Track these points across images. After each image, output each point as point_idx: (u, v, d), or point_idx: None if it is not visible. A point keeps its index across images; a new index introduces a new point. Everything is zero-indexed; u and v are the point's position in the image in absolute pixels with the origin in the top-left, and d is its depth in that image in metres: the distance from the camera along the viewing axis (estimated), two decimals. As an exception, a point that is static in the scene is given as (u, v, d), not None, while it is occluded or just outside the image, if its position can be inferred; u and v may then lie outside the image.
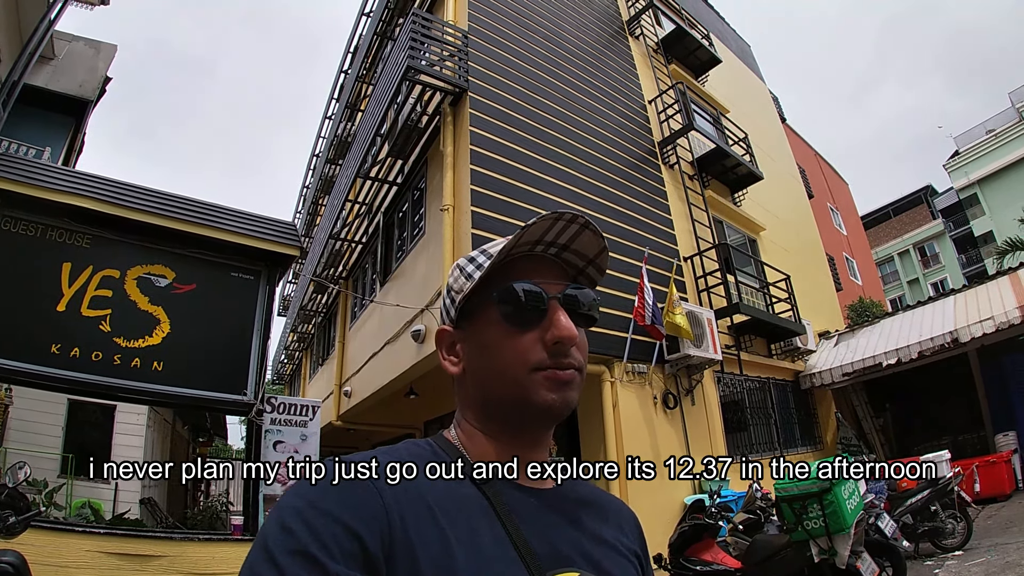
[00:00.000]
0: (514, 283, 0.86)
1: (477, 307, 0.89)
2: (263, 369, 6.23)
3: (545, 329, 0.85)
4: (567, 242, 0.90)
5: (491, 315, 0.87)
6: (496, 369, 0.86)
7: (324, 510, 0.67)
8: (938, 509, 7.33)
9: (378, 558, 0.66)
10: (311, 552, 0.62)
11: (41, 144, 8.82)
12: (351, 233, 12.78)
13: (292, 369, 23.26)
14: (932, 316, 11.61)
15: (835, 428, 12.49)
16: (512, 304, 0.86)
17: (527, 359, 0.84)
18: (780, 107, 22.50)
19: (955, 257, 37.23)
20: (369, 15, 15.72)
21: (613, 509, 1.00)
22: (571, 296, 0.89)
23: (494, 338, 0.86)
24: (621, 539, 0.93)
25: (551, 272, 0.90)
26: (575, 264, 0.93)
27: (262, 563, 0.63)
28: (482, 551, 0.73)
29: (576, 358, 0.87)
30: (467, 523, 0.75)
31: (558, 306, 0.87)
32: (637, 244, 9.47)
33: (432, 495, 0.76)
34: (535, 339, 0.84)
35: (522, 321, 0.85)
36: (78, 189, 5.43)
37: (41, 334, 5.11)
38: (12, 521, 3.74)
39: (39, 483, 7.64)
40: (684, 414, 9.12)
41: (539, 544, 0.79)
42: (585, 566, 0.82)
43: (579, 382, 0.87)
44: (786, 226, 15.57)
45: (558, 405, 0.84)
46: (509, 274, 0.87)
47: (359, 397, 11.80)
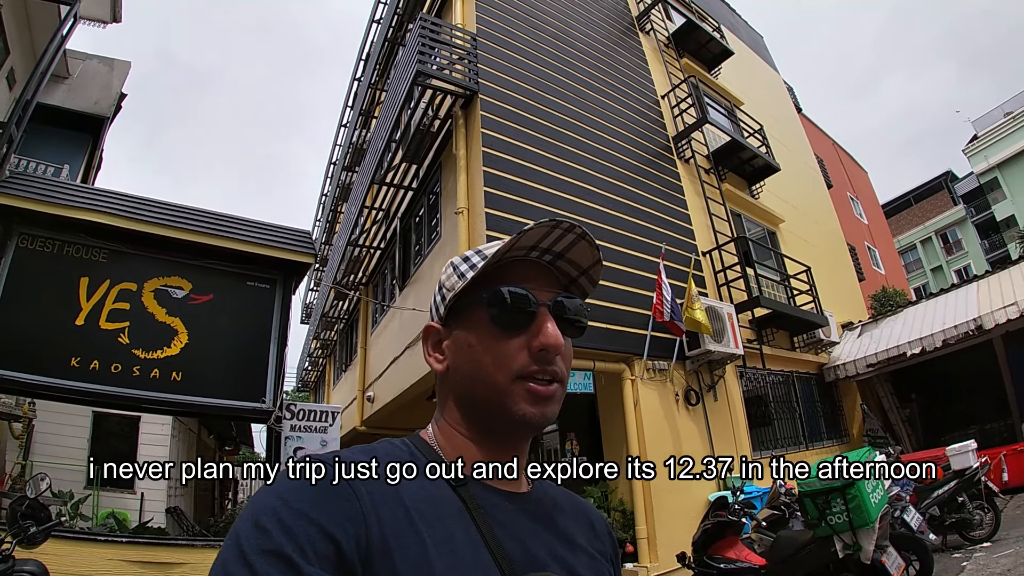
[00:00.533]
0: (505, 286, 0.86)
1: (467, 307, 0.89)
2: (281, 376, 6.28)
3: (532, 335, 0.85)
4: (562, 250, 0.90)
5: (480, 316, 0.87)
6: (479, 371, 0.85)
7: (300, 510, 0.66)
8: (965, 500, 7.19)
9: (354, 561, 0.65)
10: (285, 553, 0.61)
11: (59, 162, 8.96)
12: (369, 239, 12.82)
13: (316, 376, 23.44)
14: (955, 303, 11.45)
15: (861, 420, 12.34)
16: (501, 307, 0.85)
17: (511, 365, 0.83)
18: (795, 97, 22.26)
19: (978, 243, 36.62)
20: (379, 22, 15.79)
21: (585, 513, 0.99)
22: (561, 304, 0.89)
23: (480, 340, 0.86)
24: (593, 542, 0.94)
25: (544, 279, 0.90)
26: (568, 273, 0.94)
27: (234, 561, 0.62)
28: (458, 554, 0.72)
29: (560, 368, 0.86)
30: (443, 526, 0.74)
31: (547, 313, 0.87)
32: (654, 240, 9.41)
33: (409, 497, 0.75)
34: (521, 344, 0.84)
35: (510, 325, 0.85)
36: (93, 205, 5.52)
37: (61, 348, 5.20)
38: (33, 531, 3.80)
39: (65, 495, 7.75)
40: (707, 410, 9.05)
41: (513, 548, 0.78)
42: (558, 570, 0.82)
43: (560, 396, 0.87)
44: (806, 217, 15.40)
45: (536, 419, 0.84)
46: (502, 277, 0.87)
47: (382, 402, 11.84)
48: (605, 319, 8.23)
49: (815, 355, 12.28)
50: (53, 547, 4.11)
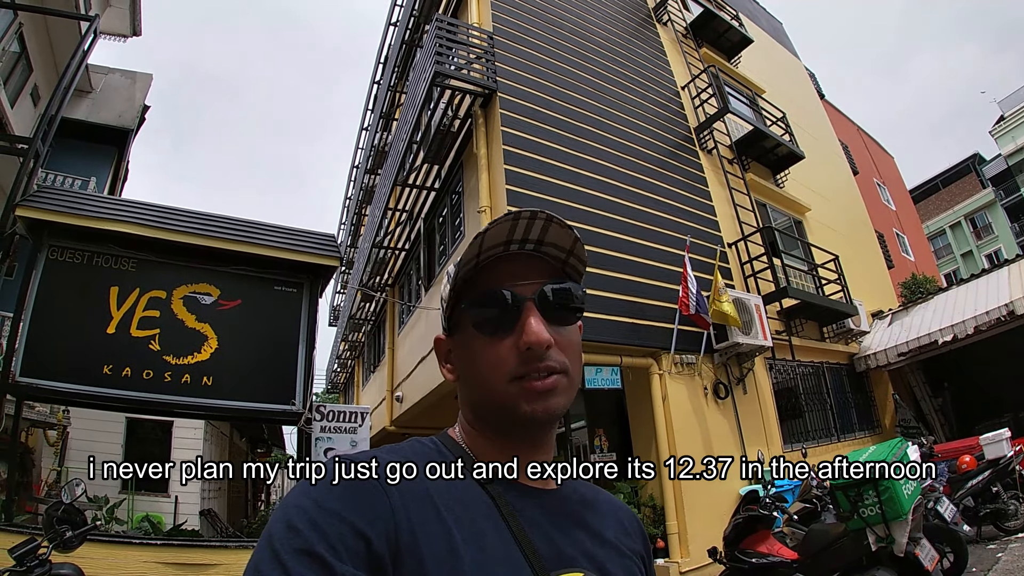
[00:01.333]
0: (482, 291, 0.85)
1: (457, 317, 0.90)
2: (310, 378, 6.35)
3: (518, 335, 0.83)
4: (540, 237, 0.87)
5: (467, 325, 0.87)
6: (478, 378, 0.86)
7: (330, 509, 0.67)
8: (999, 490, 7.07)
9: (384, 558, 0.66)
10: (317, 552, 0.62)
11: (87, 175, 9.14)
12: (394, 241, 12.89)
13: (346, 377, 23.60)
14: (987, 289, 11.24)
15: (893, 410, 12.15)
16: (481, 313, 0.85)
17: (503, 369, 0.82)
18: (817, 83, 21.97)
19: (1008, 226, 35.90)
20: (396, 24, 15.85)
21: (614, 510, 0.99)
22: (545, 294, 0.86)
23: (473, 348, 0.86)
24: (623, 539, 0.93)
25: (529, 270, 0.87)
26: (558, 256, 0.90)
27: (267, 562, 0.62)
28: (487, 551, 0.73)
29: (556, 360, 0.84)
30: (472, 523, 0.75)
31: (532, 308, 0.84)
32: (679, 233, 9.35)
33: (437, 494, 0.76)
34: (510, 346, 0.83)
35: (495, 328, 0.84)
36: (120, 216, 5.61)
37: (93, 356, 5.31)
38: (69, 535, 3.88)
39: (100, 499, 7.90)
40: (736, 404, 8.99)
41: (543, 545, 0.79)
42: (589, 567, 0.81)
43: (564, 386, 0.84)
44: (832, 205, 15.20)
45: (539, 415, 0.82)
46: (484, 279, 0.86)
47: (411, 401, 11.90)
48: (631, 313, 8.20)
49: (845, 345, 12.13)
50: (88, 551, 4.20)
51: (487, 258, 0.86)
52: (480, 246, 0.84)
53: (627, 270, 8.48)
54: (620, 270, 8.33)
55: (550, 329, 0.84)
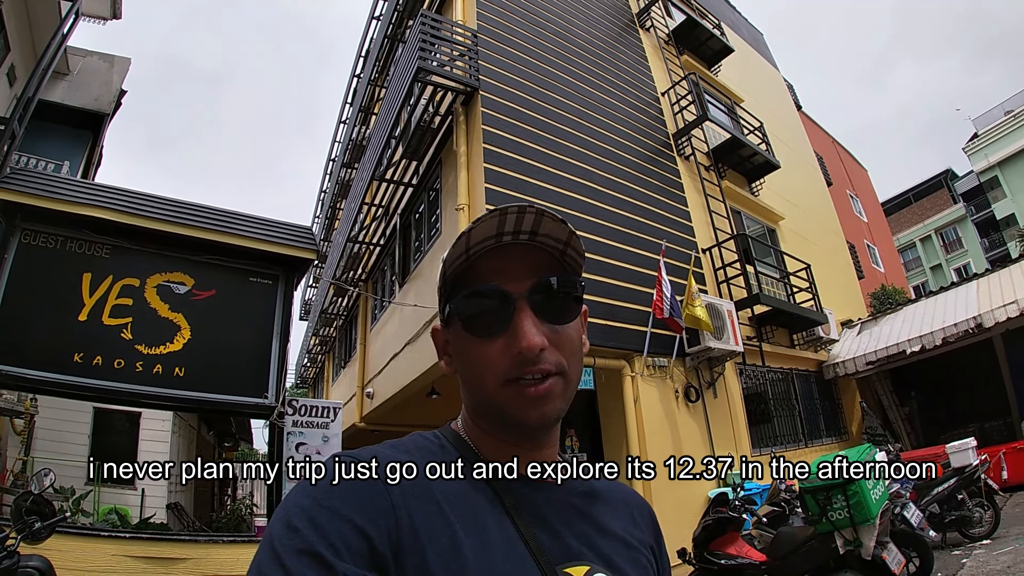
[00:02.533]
0: (469, 290, 0.81)
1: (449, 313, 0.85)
2: (283, 372, 6.29)
3: (511, 336, 0.78)
4: (535, 228, 0.81)
5: (457, 323, 0.83)
6: (472, 378, 0.83)
7: (330, 508, 0.66)
8: (965, 498, 7.21)
9: (386, 555, 0.65)
10: (318, 551, 0.61)
11: (59, 158, 8.97)
12: (369, 236, 12.83)
13: (315, 372, 23.42)
14: (955, 302, 11.46)
15: (860, 418, 12.36)
16: (469, 315, 0.81)
17: (496, 372, 0.79)
18: (795, 95, 22.28)
19: (977, 241, 36.55)
20: (379, 18, 15.77)
21: (623, 501, 0.96)
22: (541, 289, 0.82)
23: (464, 347, 0.83)
24: (632, 531, 0.91)
25: (523, 262, 0.83)
26: (555, 246, 0.85)
27: (269, 563, 0.62)
28: (491, 546, 0.71)
29: (551, 362, 0.79)
30: (475, 518, 0.74)
31: (524, 308, 0.80)
32: (654, 237, 9.43)
33: (440, 489, 0.74)
34: (503, 347, 0.79)
35: (486, 330, 0.80)
36: (96, 200, 5.52)
37: (64, 344, 5.21)
38: (38, 527, 3.80)
39: (66, 490, 7.76)
40: (707, 407, 9.07)
41: (548, 539, 0.77)
42: (595, 560, 0.80)
43: (560, 389, 0.80)
44: (805, 215, 15.41)
45: (534, 420, 0.80)
46: (475, 273, 0.82)
47: (382, 398, 11.85)
48: (605, 315, 8.24)
49: (814, 353, 12.29)
50: (57, 543, 4.12)
51: (478, 251, 0.81)
52: (468, 241, 0.80)
53: (602, 272, 8.52)
54: (595, 272, 8.36)
55: (545, 327, 0.80)
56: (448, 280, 0.85)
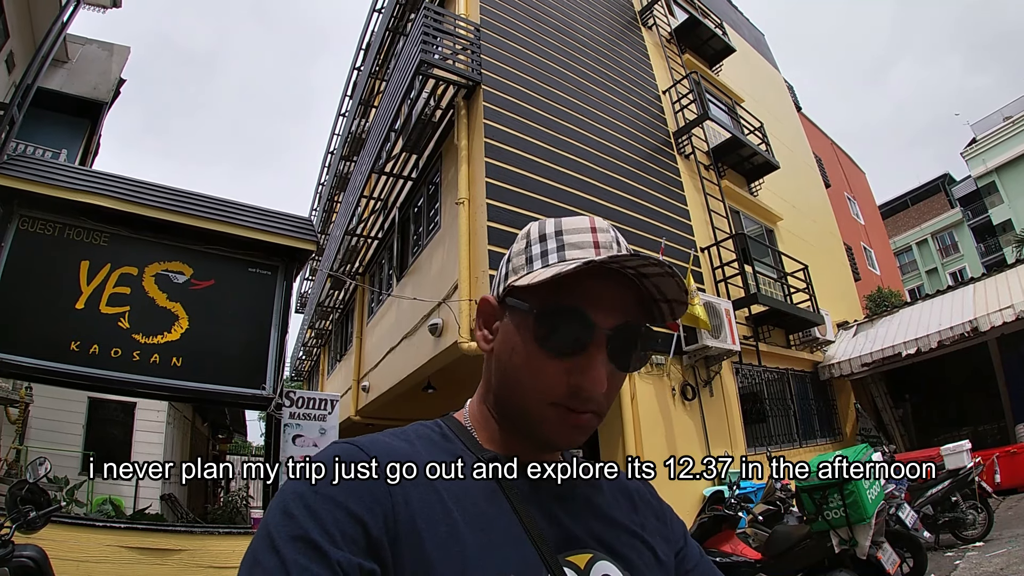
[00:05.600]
0: (561, 306, 0.77)
1: (519, 305, 0.81)
2: (281, 363, 6.27)
3: (577, 367, 0.76)
4: (647, 273, 0.78)
5: (528, 325, 0.79)
6: (514, 382, 0.80)
7: (327, 495, 0.66)
8: (959, 500, 7.24)
9: (382, 543, 0.65)
10: (312, 537, 0.61)
11: (57, 146, 8.92)
12: (367, 229, 12.79)
13: (310, 366, 23.38)
14: (951, 305, 11.51)
15: (854, 419, 12.40)
16: (549, 329, 0.77)
17: (546, 392, 0.77)
18: (795, 96, 22.30)
19: (974, 246, 36.77)
20: (381, 11, 15.71)
21: (624, 487, 0.95)
22: (621, 334, 0.78)
23: (523, 349, 0.79)
24: (634, 518, 0.90)
25: (617, 294, 0.79)
26: (651, 293, 0.81)
27: (263, 550, 0.62)
28: (491, 534, 0.71)
29: (601, 402, 0.78)
30: (475, 505, 0.73)
31: (601, 346, 0.77)
32: (653, 235, 9.43)
33: (439, 477, 0.74)
34: (562, 371, 0.77)
35: (556, 349, 0.77)
36: (95, 188, 5.49)
37: (60, 332, 5.17)
38: (33, 516, 3.77)
39: (60, 480, 7.74)
40: (703, 406, 9.08)
41: (550, 526, 0.77)
42: (598, 548, 0.80)
43: (593, 426, 0.80)
44: (803, 216, 15.45)
45: (563, 444, 0.80)
46: (567, 286, 0.77)
47: (377, 392, 11.84)
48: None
49: (810, 353, 12.32)
50: (51, 532, 4.09)
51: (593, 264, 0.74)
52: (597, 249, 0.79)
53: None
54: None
55: (609, 372, 0.78)
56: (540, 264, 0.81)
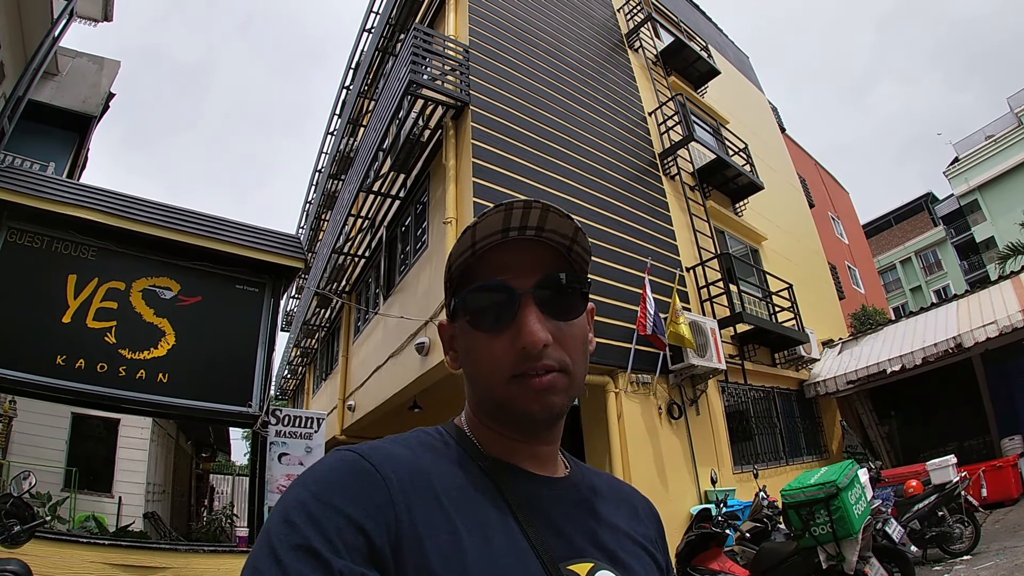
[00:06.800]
0: (475, 285, 0.82)
1: (454, 307, 0.86)
2: (268, 381, 6.25)
3: (515, 333, 0.79)
4: (540, 223, 0.82)
5: (463, 316, 0.83)
6: (477, 374, 0.83)
7: (328, 502, 0.65)
8: (945, 514, 7.28)
9: (384, 551, 0.64)
10: (314, 546, 0.60)
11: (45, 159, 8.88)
12: (354, 247, 12.80)
13: (295, 384, 23.24)
14: (935, 322, 11.60)
15: (840, 436, 12.44)
16: (474, 311, 0.81)
17: (502, 368, 0.79)
18: (779, 117, 22.59)
19: (957, 264, 37.12)
20: (370, 31, 15.81)
21: (627, 498, 0.97)
22: (546, 284, 0.82)
23: (470, 343, 0.83)
24: (636, 527, 0.91)
25: (528, 258, 0.83)
26: (560, 242, 0.85)
27: (264, 558, 0.61)
28: (493, 542, 0.71)
29: (554, 358, 0.79)
30: (476, 513, 0.73)
31: (529, 303, 0.80)
32: (639, 255, 9.48)
33: (441, 484, 0.73)
34: (507, 343, 0.79)
35: (491, 325, 0.80)
36: (83, 201, 5.48)
37: (46, 346, 5.14)
38: (17, 530, 3.75)
39: (42, 496, 7.63)
40: (689, 424, 9.10)
41: (551, 535, 0.77)
42: (599, 556, 0.79)
43: (564, 384, 0.80)
44: (788, 236, 15.59)
45: (539, 413, 0.80)
46: (481, 268, 0.82)
47: (363, 411, 11.78)
48: (590, 331, 8.25)
49: (796, 371, 12.38)
50: (35, 548, 4.05)
51: (484, 246, 0.82)
52: (473, 236, 0.80)
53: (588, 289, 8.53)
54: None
55: (550, 324, 0.80)
56: (454, 275, 0.85)
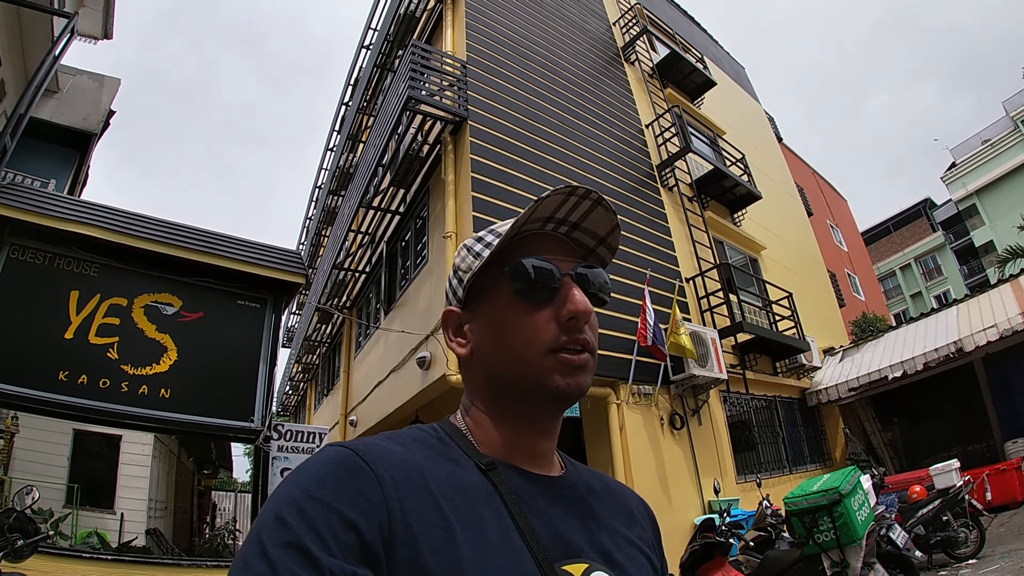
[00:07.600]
0: (526, 258, 0.84)
1: (487, 285, 0.87)
2: (270, 396, 6.25)
3: (559, 306, 0.82)
4: (578, 220, 0.88)
5: (502, 292, 0.85)
6: (508, 349, 0.83)
7: (320, 499, 0.64)
8: (950, 519, 7.27)
9: (377, 549, 0.63)
10: (305, 544, 0.59)
11: (46, 176, 8.93)
12: (355, 263, 12.83)
13: (297, 400, 23.22)
14: (936, 327, 11.61)
15: (843, 444, 12.41)
16: (525, 280, 0.83)
17: (542, 339, 0.81)
18: (776, 127, 22.69)
19: (957, 268, 37.16)
20: (369, 47, 15.91)
21: (623, 498, 0.97)
22: (583, 275, 0.87)
23: (506, 316, 0.84)
24: (632, 528, 0.91)
25: (562, 250, 0.88)
26: (585, 244, 0.91)
27: (254, 556, 0.60)
28: (487, 540, 0.70)
29: (590, 337, 0.84)
30: (471, 511, 0.72)
31: (571, 282, 0.85)
32: (639, 266, 9.50)
33: (435, 482, 0.73)
34: (549, 317, 0.82)
35: (535, 297, 0.83)
36: (86, 218, 5.51)
37: (49, 361, 5.15)
38: (20, 544, 3.74)
39: (44, 512, 7.61)
40: (691, 435, 9.09)
41: (546, 533, 0.76)
42: (594, 556, 0.79)
43: (592, 366, 0.84)
44: (787, 244, 15.63)
45: (572, 389, 0.81)
46: (519, 252, 0.85)
47: (365, 426, 11.77)
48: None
49: (797, 380, 12.37)
50: (38, 563, 4.04)
51: (525, 231, 0.86)
52: (529, 214, 0.83)
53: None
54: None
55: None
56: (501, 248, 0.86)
